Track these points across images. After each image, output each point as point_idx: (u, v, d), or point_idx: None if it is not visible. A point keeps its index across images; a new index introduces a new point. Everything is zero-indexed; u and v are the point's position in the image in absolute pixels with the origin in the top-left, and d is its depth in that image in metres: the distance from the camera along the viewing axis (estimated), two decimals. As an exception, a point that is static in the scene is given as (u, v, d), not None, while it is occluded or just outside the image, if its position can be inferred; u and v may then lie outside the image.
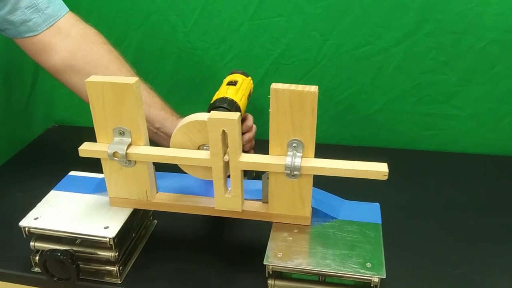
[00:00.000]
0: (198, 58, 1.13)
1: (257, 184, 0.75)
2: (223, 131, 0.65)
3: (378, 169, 0.65)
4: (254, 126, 0.92)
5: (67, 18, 0.90)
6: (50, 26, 0.87)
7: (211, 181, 0.70)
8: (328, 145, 1.14)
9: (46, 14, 0.86)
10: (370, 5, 1.00)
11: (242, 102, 0.83)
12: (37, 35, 0.87)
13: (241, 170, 0.68)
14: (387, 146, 1.13)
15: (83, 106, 0.71)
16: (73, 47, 0.88)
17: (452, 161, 1.08)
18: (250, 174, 0.88)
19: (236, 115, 0.64)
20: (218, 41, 1.10)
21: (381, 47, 1.03)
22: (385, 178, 0.65)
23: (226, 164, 0.68)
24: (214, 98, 0.82)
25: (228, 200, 0.71)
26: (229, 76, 0.90)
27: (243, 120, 0.89)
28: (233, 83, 0.85)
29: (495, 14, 0.96)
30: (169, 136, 0.91)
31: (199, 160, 0.69)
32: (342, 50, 1.05)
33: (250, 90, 0.90)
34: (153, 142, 0.79)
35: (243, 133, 0.89)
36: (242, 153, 0.68)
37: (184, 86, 1.18)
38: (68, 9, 0.90)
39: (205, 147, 0.71)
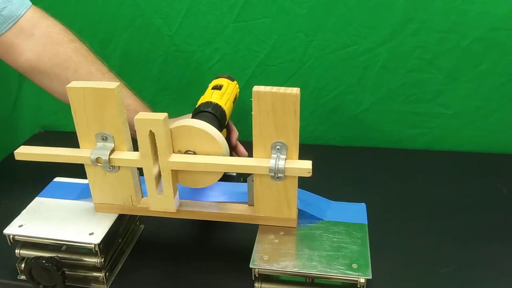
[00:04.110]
0: (184, 61, 1.12)
1: (243, 186, 0.74)
2: (150, 131, 0.65)
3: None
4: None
5: (29, 16, 0.85)
6: (10, 28, 0.83)
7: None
8: (317, 145, 1.14)
9: (3, 16, 0.82)
10: (355, 5, 1.00)
11: (227, 106, 0.82)
12: None
13: (171, 170, 0.68)
14: (374, 145, 1.13)
15: (69, 111, 0.70)
16: (37, 48, 0.85)
17: (439, 160, 1.08)
18: (238, 178, 0.87)
19: (162, 115, 0.65)
20: (203, 43, 1.09)
21: (366, 47, 1.03)
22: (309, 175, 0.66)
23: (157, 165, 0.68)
24: (199, 102, 0.82)
25: (161, 201, 0.71)
26: (214, 80, 0.89)
27: (230, 132, 0.90)
28: (218, 88, 0.85)
29: (479, 12, 0.96)
30: None
31: (130, 161, 0.69)
32: (328, 50, 1.05)
33: (236, 95, 0.90)
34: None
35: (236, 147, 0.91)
36: (173, 154, 0.68)
37: (170, 89, 1.17)
38: (30, 4, 0.86)
39: (189, 152, 0.70)
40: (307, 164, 0.66)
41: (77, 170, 0.76)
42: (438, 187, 0.97)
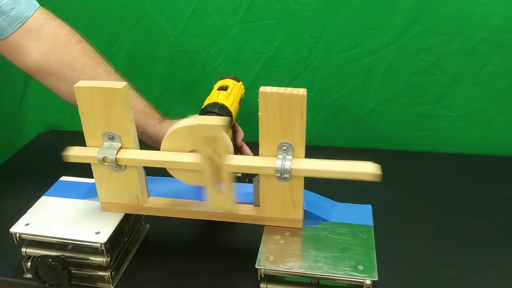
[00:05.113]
0: (189, 62, 1.13)
1: (249, 187, 0.75)
2: (212, 135, 0.65)
3: (368, 170, 0.65)
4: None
5: (36, 17, 0.85)
6: (18, 29, 0.83)
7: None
8: (320, 147, 1.14)
9: (11, 17, 0.82)
10: (359, 6, 1.00)
11: (233, 107, 0.83)
12: (4, 39, 0.83)
13: (231, 172, 0.68)
14: (378, 147, 1.13)
15: (75, 110, 0.70)
16: (44, 49, 0.85)
17: (443, 162, 1.08)
18: (243, 179, 0.88)
19: (223, 120, 0.64)
20: (208, 44, 1.10)
21: (371, 48, 1.03)
22: (377, 179, 0.65)
23: (217, 167, 0.68)
24: (205, 103, 0.82)
25: (221, 202, 0.70)
26: (220, 81, 0.90)
27: (235, 132, 0.90)
28: (224, 88, 0.85)
29: (484, 14, 0.96)
30: (152, 140, 0.91)
31: (189, 164, 0.69)
32: (332, 52, 1.05)
33: (242, 95, 0.90)
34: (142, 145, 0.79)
35: (241, 147, 0.91)
36: (231, 156, 0.68)
37: (175, 90, 1.18)
38: (37, 5, 0.86)
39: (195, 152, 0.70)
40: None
41: (81, 169, 0.76)
42: (442, 189, 0.97)
